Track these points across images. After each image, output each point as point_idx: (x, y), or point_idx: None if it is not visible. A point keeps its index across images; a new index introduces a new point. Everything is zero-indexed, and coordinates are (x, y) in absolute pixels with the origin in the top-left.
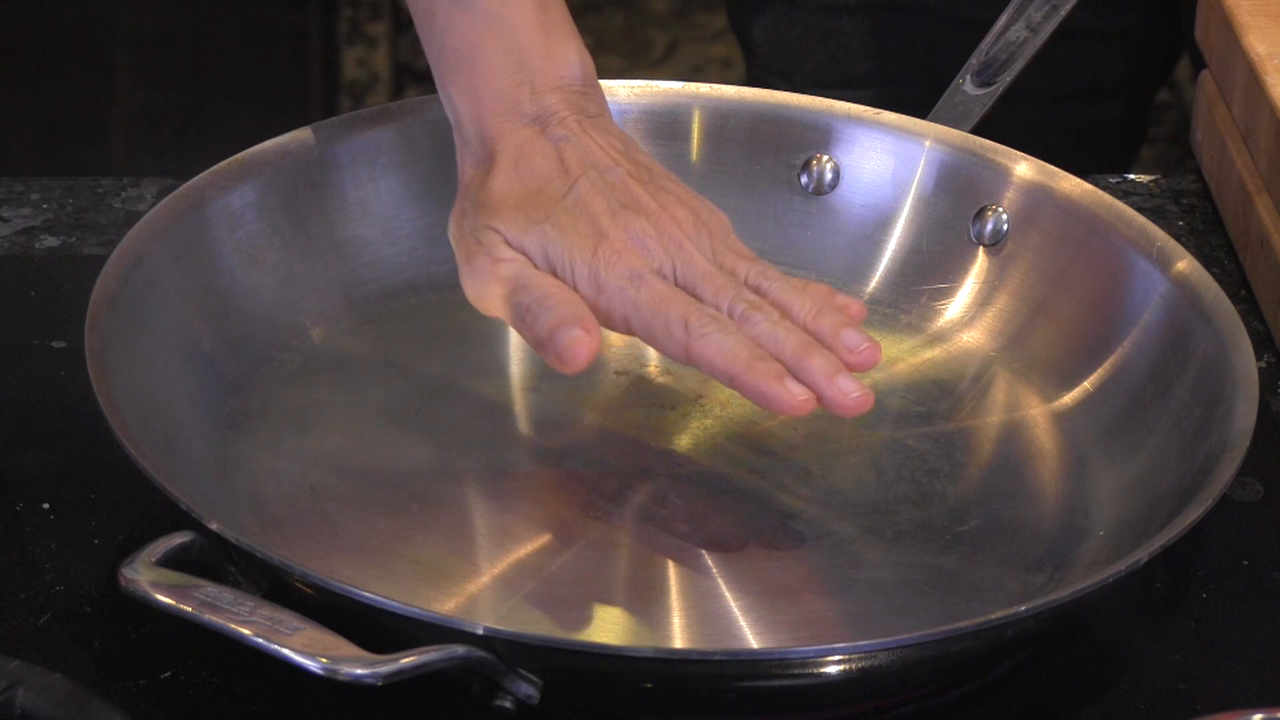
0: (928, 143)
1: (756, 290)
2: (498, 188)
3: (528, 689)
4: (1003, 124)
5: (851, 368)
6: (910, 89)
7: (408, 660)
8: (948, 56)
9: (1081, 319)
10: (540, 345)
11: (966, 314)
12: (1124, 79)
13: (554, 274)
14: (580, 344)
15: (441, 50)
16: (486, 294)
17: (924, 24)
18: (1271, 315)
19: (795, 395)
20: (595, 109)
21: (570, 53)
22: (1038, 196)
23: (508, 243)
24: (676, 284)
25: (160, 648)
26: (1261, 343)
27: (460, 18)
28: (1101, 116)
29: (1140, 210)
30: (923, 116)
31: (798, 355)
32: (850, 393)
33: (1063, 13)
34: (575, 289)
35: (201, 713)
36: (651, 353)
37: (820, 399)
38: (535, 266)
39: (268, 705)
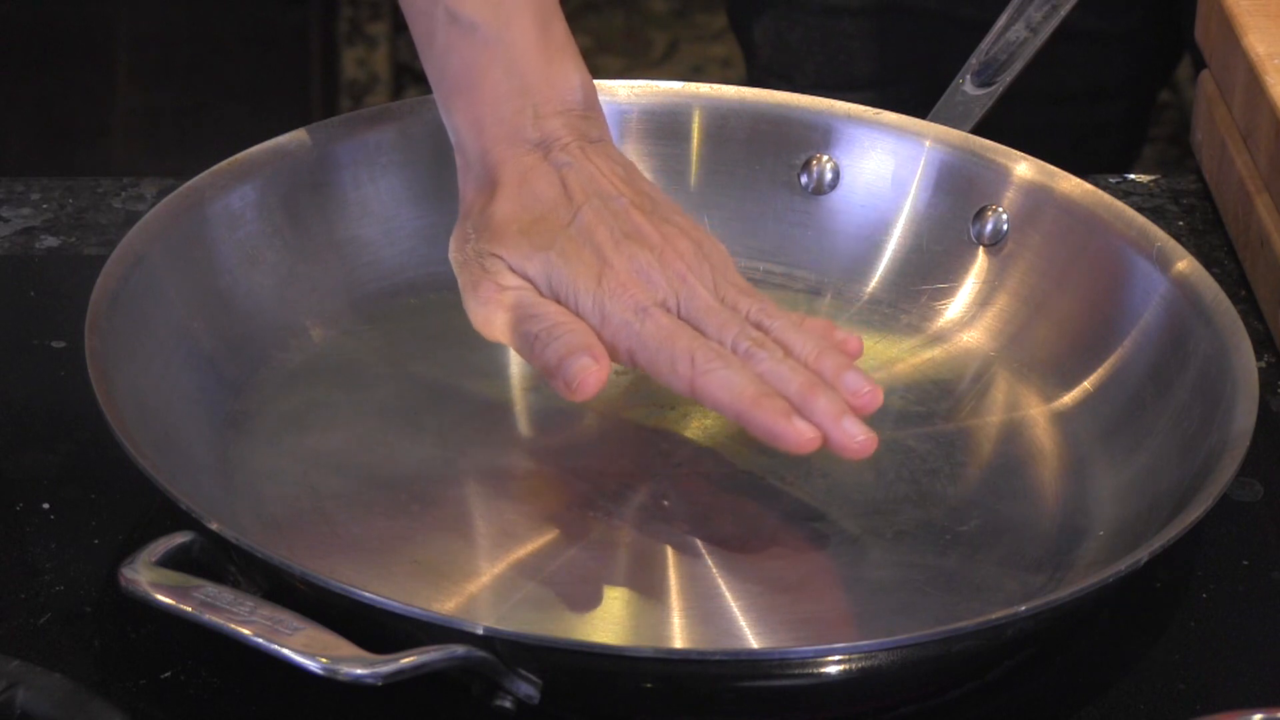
0: (928, 143)
1: (758, 326)
2: (501, 213)
3: (528, 689)
4: (1004, 124)
5: (853, 410)
6: (911, 91)
7: (408, 660)
8: (949, 59)
9: (1081, 319)
10: (549, 373)
11: (966, 314)
12: (1125, 80)
13: (558, 302)
14: (589, 372)
15: (443, 73)
16: (493, 321)
17: (925, 26)
18: (1271, 315)
19: (803, 432)
20: (597, 133)
21: (572, 76)
22: (1038, 196)
23: (512, 269)
24: (680, 317)
25: (160, 648)
26: (1261, 343)
27: (461, 41)
28: (1103, 117)
29: (1140, 210)
30: (923, 118)
31: (803, 394)
32: (856, 436)
33: (1063, 13)
34: (579, 318)
35: (201, 713)
36: None
37: (825, 439)
38: (540, 294)
39: (268, 705)
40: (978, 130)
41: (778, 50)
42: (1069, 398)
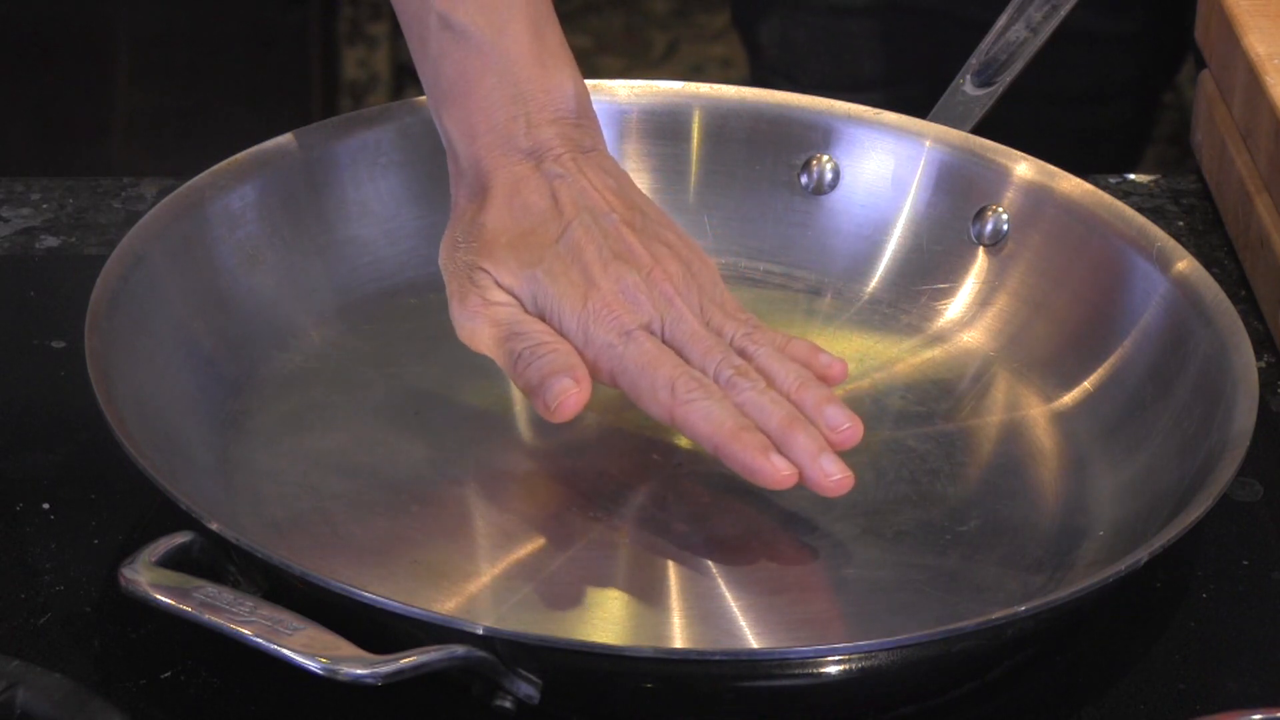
0: (928, 143)
1: (742, 352)
2: (491, 224)
3: (528, 689)
4: (1008, 125)
5: (833, 445)
6: (917, 92)
7: (408, 660)
8: (955, 59)
9: (1081, 319)
10: (531, 392)
11: (966, 314)
12: (1129, 81)
13: (543, 319)
14: (569, 395)
15: (436, 79)
16: (479, 334)
17: (931, 26)
18: (1271, 315)
19: (779, 469)
20: (590, 142)
21: (565, 83)
22: (1038, 196)
23: (499, 284)
24: (664, 340)
25: (160, 648)
26: (1261, 343)
27: (454, 47)
28: (1107, 119)
29: (1140, 210)
30: (924, 118)
31: (782, 430)
32: (832, 474)
33: (1063, 13)
34: (563, 337)
35: (201, 713)
36: None
37: (801, 475)
38: (526, 311)
39: (268, 705)
40: (979, 130)
41: (783, 50)
42: (1069, 398)
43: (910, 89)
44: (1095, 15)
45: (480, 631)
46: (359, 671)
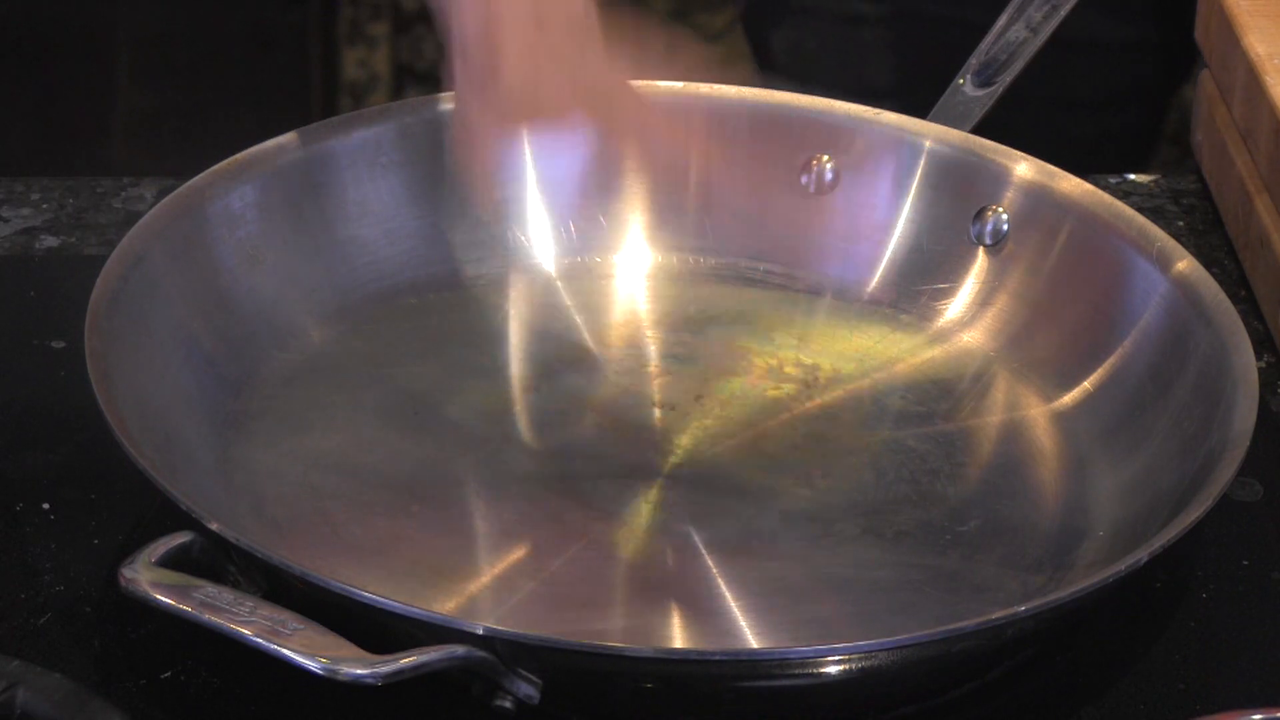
0: (928, 143)
1: None
2: (510, 84)
3: (528, 689)
4: (1014, 131)
5: None
6: (929, 99)
7: (408, 660)
8: None
9: (1081, 319)
10: None
11: (966, 314)
12: (1136, 88)
13: None
14: None
15: None
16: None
17: (944, 34)
18: (1271, 315)
19: None
20: (596, 39)
21: None
22: (1038, 196)
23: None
24: None
25: (160, 648)
26: (1261, 343)
27: None
28: (1113, 125)
29: (1140, 210)
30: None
31: None
32: None
33: (1063, 13)
34: None
35: (201, 713)
36: (651, 352)
37: None
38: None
39: (268, 705)
40: (984, 133)
41: (795, 59)
42: (1069, 398)
43: (922, 97)
44: (1101, 21)
45: (480, 631)
46: (359, 671)
